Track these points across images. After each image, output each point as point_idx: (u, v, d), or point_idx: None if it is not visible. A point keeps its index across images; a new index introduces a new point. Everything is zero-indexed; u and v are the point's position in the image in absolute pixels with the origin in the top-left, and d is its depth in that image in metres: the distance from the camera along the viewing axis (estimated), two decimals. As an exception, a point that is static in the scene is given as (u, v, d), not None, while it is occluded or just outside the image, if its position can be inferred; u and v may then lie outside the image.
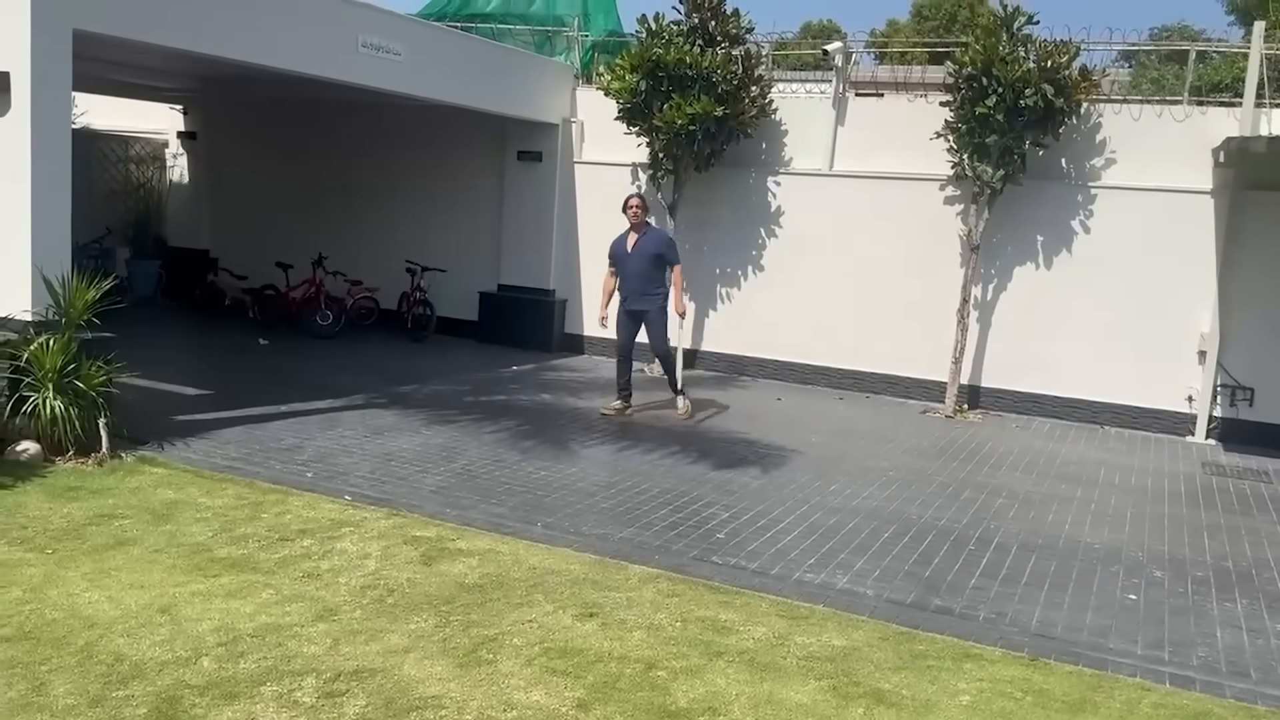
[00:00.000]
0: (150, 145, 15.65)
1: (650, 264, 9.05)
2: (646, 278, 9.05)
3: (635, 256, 9.04)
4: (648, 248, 9.04)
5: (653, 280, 9.07)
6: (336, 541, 5.38)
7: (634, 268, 9.05)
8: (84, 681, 3.68)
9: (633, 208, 9.09)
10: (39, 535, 5.12)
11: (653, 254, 9.04)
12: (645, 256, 9.02)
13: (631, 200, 9.14)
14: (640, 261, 9.04)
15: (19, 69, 6.78)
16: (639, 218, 9.09)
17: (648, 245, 9.06)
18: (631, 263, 9.05)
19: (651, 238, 9.13)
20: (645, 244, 9.06)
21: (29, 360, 6.45)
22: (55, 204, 7.01)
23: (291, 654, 4.04)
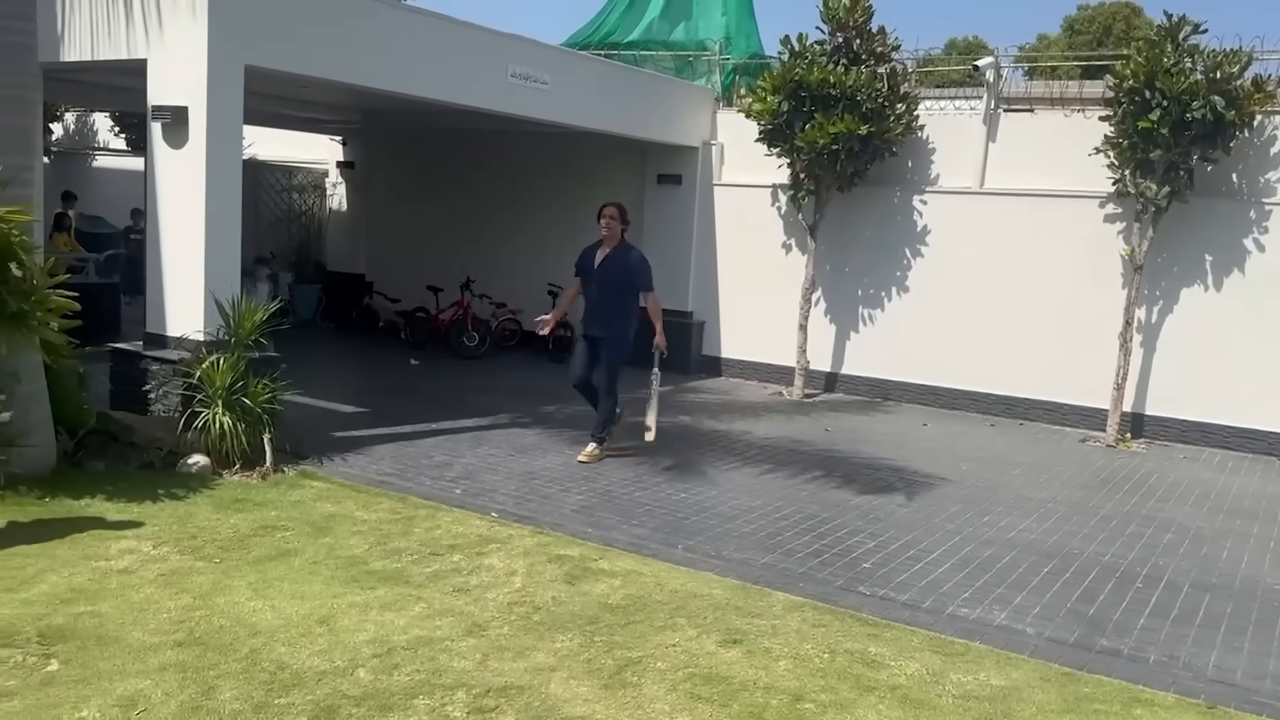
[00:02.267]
0: (311, 175, 16.49)
1: (617, 286, 7.68)
2: (610, 302, 7.69)
3: (601, 274, 7.73)
4: (617, 267, 7.70)
5: (617, 306, 7.70)
6: (484, 558, 5.48)
7: (598, 287, 7.74)
8: (249, 688, 3.83)
9: (605, 216, 7.74)
10: (208, 545, 5.39)
11: (621, 275, 7.69)
12: (612, 277, 7.69)
13: (605, 208, 7.77)
14: (605, 281, 7.70)
15: (195, 103, 7.24)
16: (611, 229, 7.74)
17: (617, 265, 7.71)
18: (596, 281, 7.75)
19: (624, 256, 7.75)
20: (615, 262, 7.71)
21: (201, 378, 6.83)
22: (226, 231, 7.44)
23: (443, 668, 4.11)
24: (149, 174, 7.61)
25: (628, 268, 7.68)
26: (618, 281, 7.67)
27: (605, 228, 7.73)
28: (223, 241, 7.41)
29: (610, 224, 7.71)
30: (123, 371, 7.57)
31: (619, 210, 7.75)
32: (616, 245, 7.74)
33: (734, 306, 12.57)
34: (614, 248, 7.73)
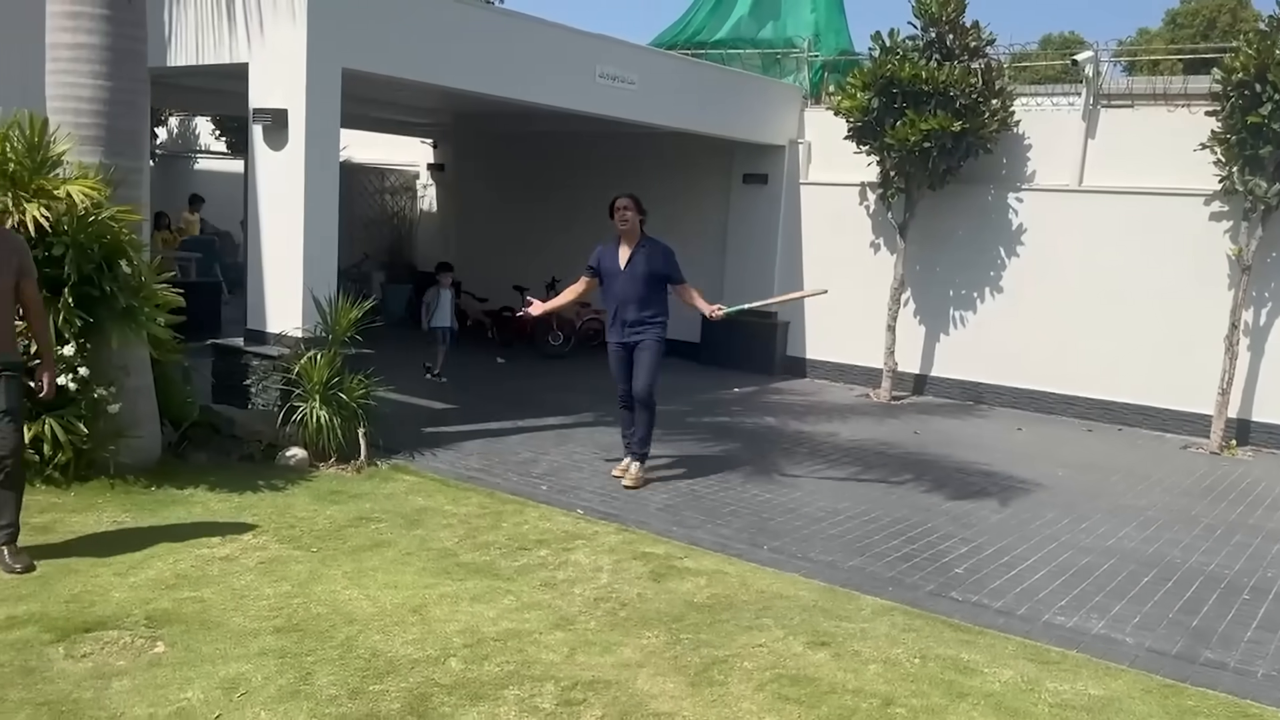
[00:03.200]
0: (403, 177, 16.84)
1: (648, 285, 6.98)
2: (642, 301, 6.95)
3: (629, 275, 6.95)
4: (646, 265, 6.95)
5: (651, 305, 7.00)
6: (570, 553, 5.52)
7: (627, 289, 6.96)
8: (344, 674, 3.93)
9: (620, 209, 6.92)
10: (305, 535, 5.54)
11: (652, 272, 6.96)
12: (641, 276, 6.94)
13: (618, 200, 6.97)
14: (635, 281, 6.94)
15: (295, 106, 7.45)
16: (629, 223, 6.93)
17: (646, 262, 6.95)
18: (623, 282, 6.98)
19: (651, 252, 6.99)
20: (643, 260, 6.95)
21: (299, 374, 7.03)
22: (324, 231, 7.64)
23: (531, 660, 4.16)
24: (250, 175, 7.86)
25: (660, 263, 6.97)
26: (651, 279, 6.96)
27: (621, 222, 6.94)
28: (320, 241, 7.61)
29: (626, 216, 6.91)
30: (224, 366, 7.84)
31: (634, 201, 6.94)
32: (639, 240, 6.99)
33: (820, 307, 12.42)
34: (637, 243, 6.97)
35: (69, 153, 5.96)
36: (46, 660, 3.86)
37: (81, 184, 5.75)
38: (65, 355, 5.70)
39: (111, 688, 3.68)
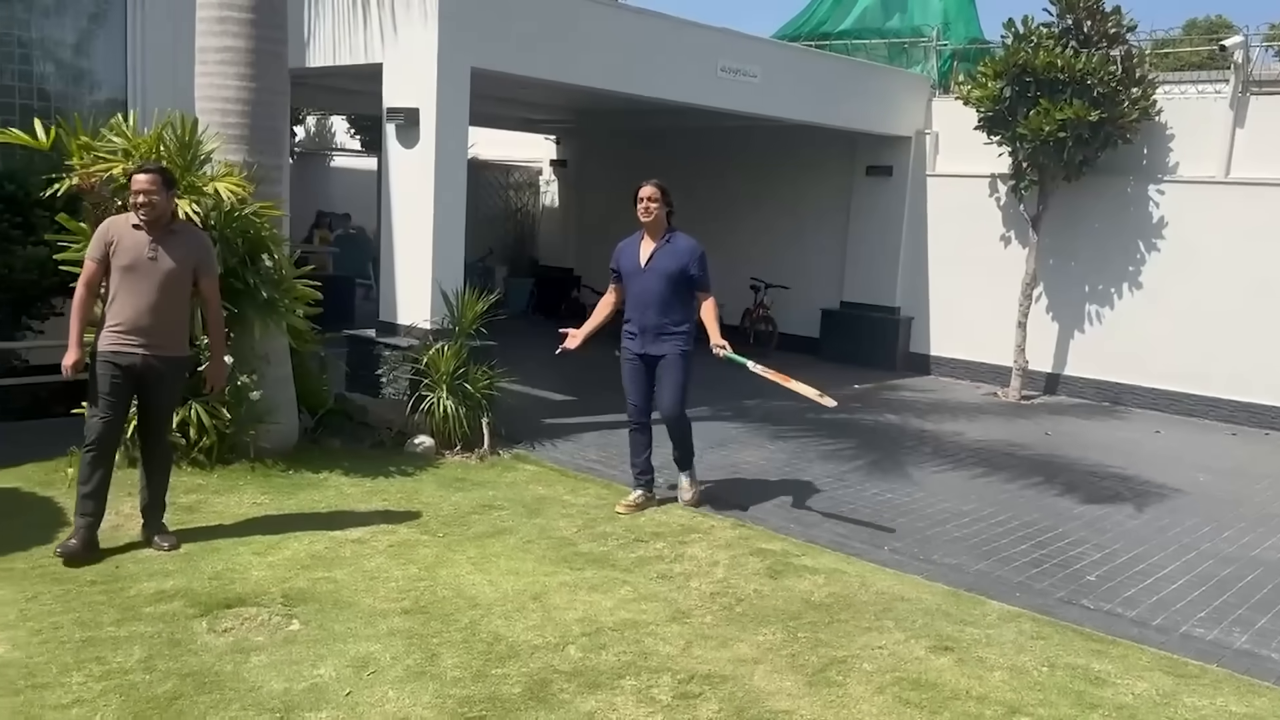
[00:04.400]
0: (527, 173, 17.15)
1: (671, 286, 6.03)
2: (665, 305, 6.04)
3: (650, 274, 6.08)
4: (670, 262, 6.04)
5: (674, 309, 6.06)
6: (686, 547, 5.53)
7: (648, 289, 6.08)
8: (468, 656, 4.03)
9: (644, 199, 6.06)
10: (432, 520, 5.71)
11: (676, 271, 6.03)
12: (664, 275, 6.02)
13: (643, 188, 6.11)
14: (657, 281, 6.04)
15: (426, 104, 7.67)
16: (653, 214, 6.06)
17: (670, 259, 6.05)
18: (644, 282, 6.10)
19: (676, 248, 6.09)
20: (667, 257, 6.05)
21: (427, 364, 7.25)
22: (452, 226, 7.85)
23: (648, 651, 4.19)
24: (383, 173, 8.13)
25: (687, 261, 6.05)
26: (674, 279, 6.03)
27: (644, 213, 6.05)
28: (449, 236, 7.82)
29: (650, 208, 6.04)
30: (358, 357, 8.14)
31: (660, 190, 6.09)
32: (662, 235, 6.13)
33: (946, 302, 12.13)
34: (660, 238, 6.12)
35: (216, 151, 6.28)
36: (191, 633, 4.08)
37: (228, 181, 6.05)
38: (211, 344, 6.01)
39: (250, 662, 3.87)
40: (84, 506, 4.84)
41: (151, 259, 4.82)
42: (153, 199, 4.76)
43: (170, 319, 4.90)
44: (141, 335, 4.81)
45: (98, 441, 4.82)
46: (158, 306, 4.83)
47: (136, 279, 4.80)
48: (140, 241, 4.82)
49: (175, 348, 4.98)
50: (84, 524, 4.82)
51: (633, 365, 6.25)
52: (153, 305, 4.82)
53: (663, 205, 6.10)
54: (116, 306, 4.83)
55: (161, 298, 4.83)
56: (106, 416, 4.82)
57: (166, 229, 4.87)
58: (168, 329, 4.90)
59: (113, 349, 4.81)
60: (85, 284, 4.87)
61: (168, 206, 4.89)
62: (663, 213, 6.11)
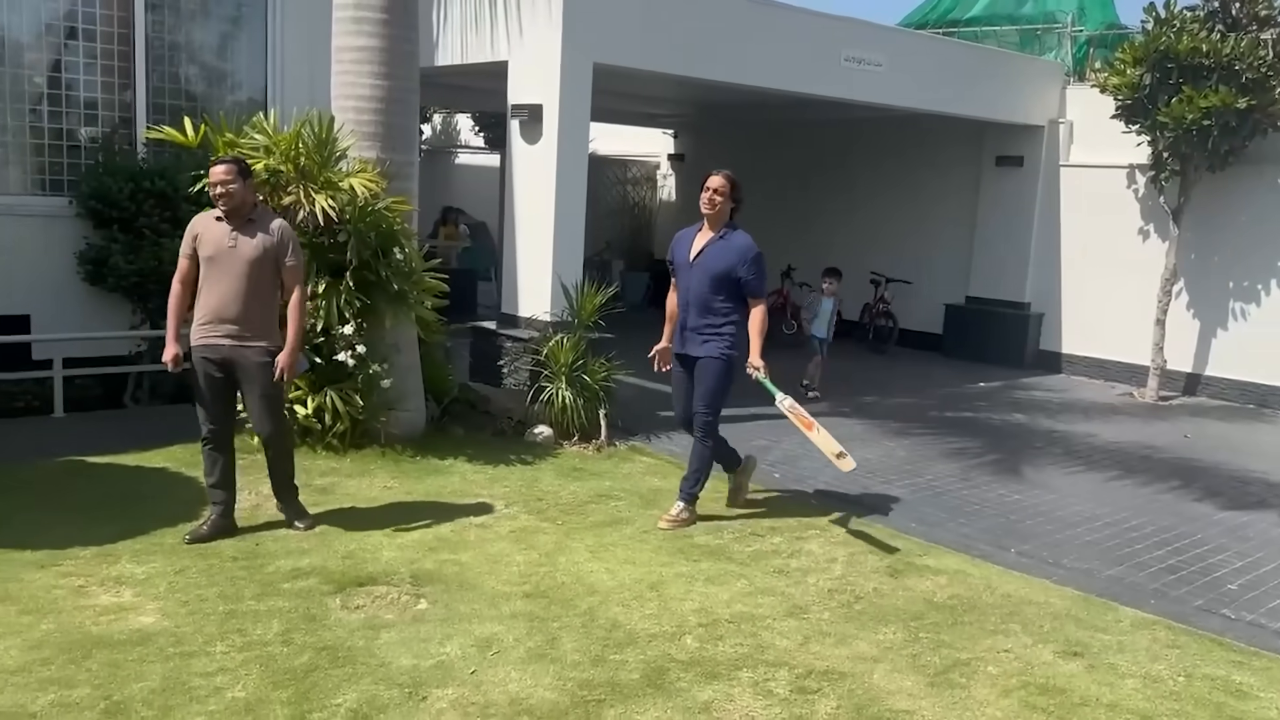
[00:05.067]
0: (644, 167, 17.24)
1: (716, 286, 5.53)
2: (705, 306, 5.55)
3: (697, 269, 5.58)
4: (719, 260, 5.53)
5: (714, 310, 5.57)
6: (804, 543, 5.49)
7: (690, 287, 5.62)
8: (587, 642, 4.10)
9: (709, 189, 5.60)
10: (551, 508, 5.81)
11: (723, 270, 5.51)
12: (710, 273, 5.53)
13: (710, 178, 5.65)
14: (701, 278, 5.55)
15: (549, 101, 7.80)
16: (716, 207, 5.59)
17: (720, 257, 5.54)
18: (689, 278, 5.63)
19: (729, 245, 5.57)
20: (717, 254, 5.55)
21: (547, 355, 7.38)
22: (572, 221, 7.97)
23: (765, 645, 4.18)
24: (506, 168, 8.31)
25: (736, 260, 5.51)
26: (719, 279, 5.51)
27: (707, 204, 5.58)
28: (569, 230, 7.94)
29: (715, 199, 5.56)
30: (481, 347, 8.34)
31: (730, 182, 5.60)
32: (720, 229, 5.64)
33: (1078, 298, 11.68)
34: (716, 232, 5.63)
35: (351, 148, 6.52)
36: (326, 609, 4.27)
37: (362, 177, 6.27)
38: (345, 334, 6.25)
39: (380, 638, 4.02)
40: (213, 495, 5.07)
41: (231, 248, 4.83)
42: (230, 189, 4.80)
43: (255, 307, 4.88)
44: (227, 325, 4.86)
45: (209, 435, 5.01)
46: (241, 295, 4.84)
47: (219, 269, 4.84)
48: (221, 232, 4.86)
49: (264, 336, 4.94)
50: (215, 511, 5.05)
51: (678, 373, 5.80)
52: (235, 294, 4.84)
53: (728, 200, 5.60)
54: (202, 298, 4.89)
55: (243, 286, 4.84)
56: (209, 409, 4.97)
57: (246, 218, 4.88)
58: (253, 317, 4.88)
59: (201, 341, 4.89)
60: (178, 280, 4.96)
61: (245, 196, 4.88)
62: (726, 207, 5.61)
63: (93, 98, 8.23)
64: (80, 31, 8.09)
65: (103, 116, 8.29)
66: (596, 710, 3.58)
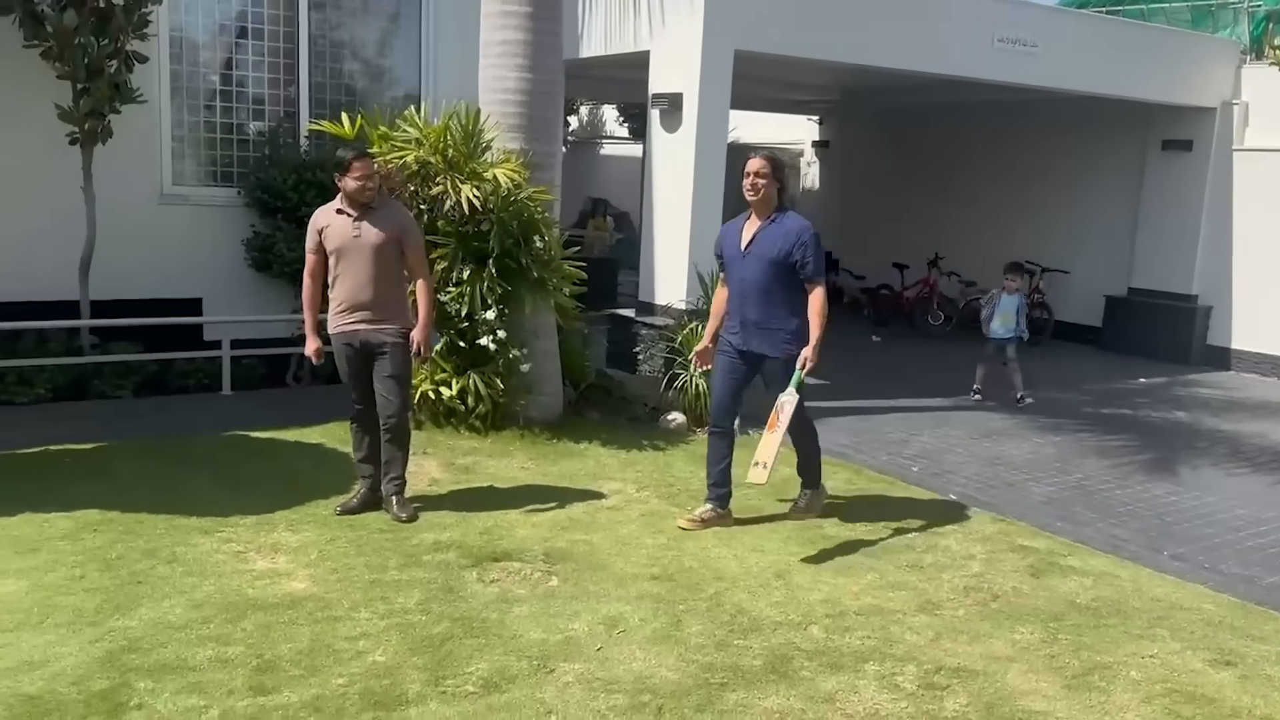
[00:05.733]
0: (787, 155, 17.05)
1: (775, 274, 5.14)
2: (767, 296, 5.18)
3: (751, 260, 5.22)
4: (773, 246, 5.14)
5: (779, 303, 5.18)
6: (941, 538, 5.36)
7: (747, 279, 5.23)
8: (711, 626, 4.13)
9: (750, 174, 5.19)
10: (681, 493, 5.86)
11: (779, 256, 5.11)
12: (766, 261, 5.15)
13: (750, 161, 5.25)
14: (757, 268, 5.18)
15: (689, 89, 7.83)
16: (760, 192, 5.17)
17: (773, 242, 5.14)
18: (743, 270, 5.25)
19: (782, 229, 5.16)
20: (770, 240, 5.15)
21: (681, 343, 7.42)
22: (710, 209, 7.98)
23: (894, 638, 4.11)
24: (646, 157, 8.39)
25: (794, 244, 5.10)
26: (776, 266, 5.13)
27: (750, 189, 5.20)
28: (707, 218, 7.95)
29: (758, 184, 5.16)
30: (618, 334, 8.47)
31: (770, 164, 5.20)
32: (769, 215, 5.24)
33: (1252, 290, 10.94)
34: (765, 219, 5.23)
35: (495, 139, 6.71)
36: (462, 581, 4.44)
37: (506, 167, 6.46)
38: (488, 319, 6.46)
39: (512, 612, 4.16)
40: (360, 470, 5.33)
41: (356, 237, 5.01)
42: (368, 184, 5.01)
43: (384, 292, 5.04)
44: (359, 311, 5.04)
45: (354, 416, 5.28)
46: (370, 281, 5.01)
47: (347, 260, 5.03)
48: (344, 224, 5.04)
49: (396, 318, 5.10)
50: (363, 485, 5.32)
51: (727, 359, 5.39)
52: (366, 281, 5.01)
53: (772, 181, 5.18)
54: (336, 289, 5.09)
55: (372, 272, 5.00)
56: (353, 394, 5.23)
57: (367, 207, 5.05)
58: (384, 302, 5.04)
59: (338, 330, 5.12)
60: (308, 275, 5.19)
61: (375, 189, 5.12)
62: (772, 190, 5.19)
63: (260, 94, 8.74)
64: (249, 30, 8.60)
65: (269, 111, 8.80)
66: (718, 693, 3.61)
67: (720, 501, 5.42)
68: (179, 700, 3.35)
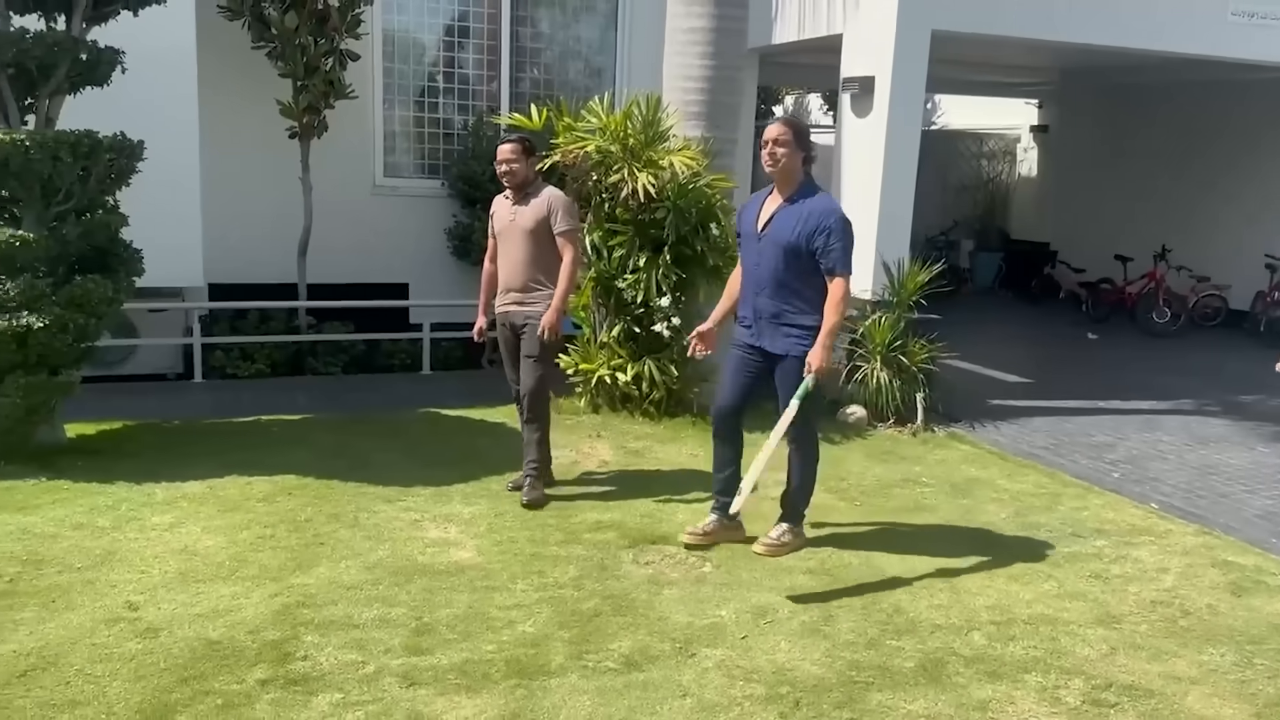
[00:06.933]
0: (1002, 140, 16.23)
1: (789, 259, 4.40)
2: (781, 285, 4.45)
3: (766, 243, 4.47)
4: (791, 228, 4.39)
5: (796, 292, 4.45)
6: (1132, 549, 4.97)
7: (761, 264, 4.51)
8: (864, 624, 4.00)
9: (768, 143, 4.42)
10: (852, 489, 5.71)
11: (797, 241, 4.37)
12: (782, 245, 4.41)
13: (768, 129, 4.47)
14: (772, 253, 4.44)
15: (881, 72, 7.56)
16: (781, 162, 4.40)
17: (791, 224, 4.40)
18: (757, 253, 4.53)
19: (805, 210, 4.40)
20: (789, 220, 4.41)
21: (863, 334, 7.22)
22: (899, 196, 7.68)
23: (1062, 650, 3.85)
24: (836, 143, 8.19)
25: (809, 227, 4.36)
26: (793, 252, 4.39)
27: (769, 159, 4.42)
28: (896, 206, 7.66)
29: (777, 153, 4.39)
30: (801, 324, 8.31)
31: (792, 130, 4.43)
32: (795, 190, 4.46)
33: None
34: (789, 195, 4.47)
35: (675, 127, 6.75)
36: (618, 561, 4.50)
37: (683, 155, 6.48)
38: (662, 306, 6.51)
39: (662, 594, 4.18)
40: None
41: (512, 221, 5.15)
42: (513, 166, 5.07)
43: (535, 274, 5.11)
44: (513, 293, 5.18)
45: (514, 396, 5.41)
46: (521, 264, 5.12)
47: (504, 242, 5.20)
48: (505, 208, 5.22)
49: (542, 302, 5.13)
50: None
51: (738, 355, 4.70)
52: (518, 264, 5.13)
53: (794, 151, 4.39)
54: (498, 272, 5.28)
55: (523, 255, 5.11)
56: (509, 372, 5.38)
57: (525, 193, 5.14)
58: (534, 284, 5.12)
59: (498, 310, 5.29)
60: (487, 258, 5.42)
61: (526, 173, 5.13)
62: (795, 161, 4.41)
63: (465, 89, 9.19)
64: (456, 29, 9.04)
65: (473, 106, 9.23)
66: (861, 692, 3.50)
67: (725, 511, 4.72)
68: (340, 655, 3.58)
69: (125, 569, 4.20)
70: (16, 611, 3.80)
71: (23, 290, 5.12)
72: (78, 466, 5.38)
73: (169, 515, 4.80)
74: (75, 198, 5.35)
